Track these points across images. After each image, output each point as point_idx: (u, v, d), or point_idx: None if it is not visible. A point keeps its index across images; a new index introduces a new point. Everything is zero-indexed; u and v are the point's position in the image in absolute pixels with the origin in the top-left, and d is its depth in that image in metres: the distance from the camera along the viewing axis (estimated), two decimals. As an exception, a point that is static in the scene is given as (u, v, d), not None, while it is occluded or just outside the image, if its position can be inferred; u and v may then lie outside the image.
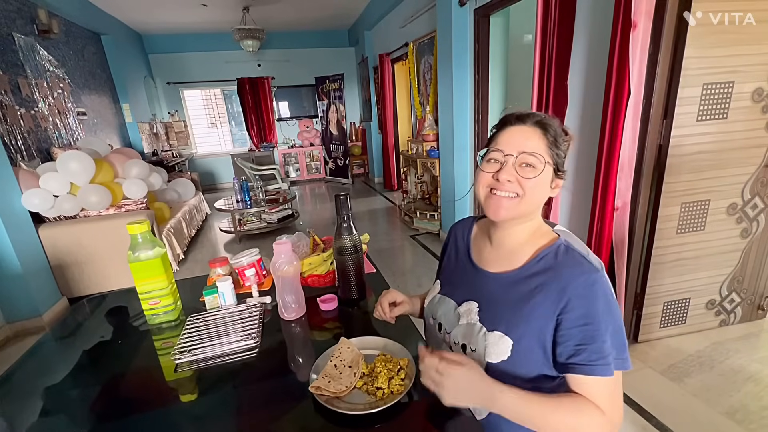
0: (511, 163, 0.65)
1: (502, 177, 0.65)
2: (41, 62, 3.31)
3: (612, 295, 0.63)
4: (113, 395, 0.76)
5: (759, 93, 1.60)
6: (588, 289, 0.61)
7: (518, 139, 0.65)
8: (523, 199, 0.65)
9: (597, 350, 0.60)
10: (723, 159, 1.67)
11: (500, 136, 0.68)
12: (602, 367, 0.60)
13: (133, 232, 0.90)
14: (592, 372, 0.60)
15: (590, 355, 0.60)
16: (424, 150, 3.65)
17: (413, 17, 4.01)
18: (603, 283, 0.63)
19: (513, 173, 0.65)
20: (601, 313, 0.61)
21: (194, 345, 0.84)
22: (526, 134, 0.66)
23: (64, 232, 2.62)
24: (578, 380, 0.62)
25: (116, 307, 1.12)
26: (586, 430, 0.60)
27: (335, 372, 0.71)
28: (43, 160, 3.00)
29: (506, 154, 0.65)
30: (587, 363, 0.60)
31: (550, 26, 1.89)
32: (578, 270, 0.63)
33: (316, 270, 1.06)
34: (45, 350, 0.94)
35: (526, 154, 0.64)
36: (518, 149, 0.65)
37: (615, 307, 0.63)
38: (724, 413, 1.47)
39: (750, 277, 1.91)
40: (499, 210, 0.66)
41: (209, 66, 6.30)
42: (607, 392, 0.61)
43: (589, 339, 0.61)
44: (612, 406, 0.61)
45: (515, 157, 0.65)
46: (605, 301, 0.62)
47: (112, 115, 4.66)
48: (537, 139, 0.65)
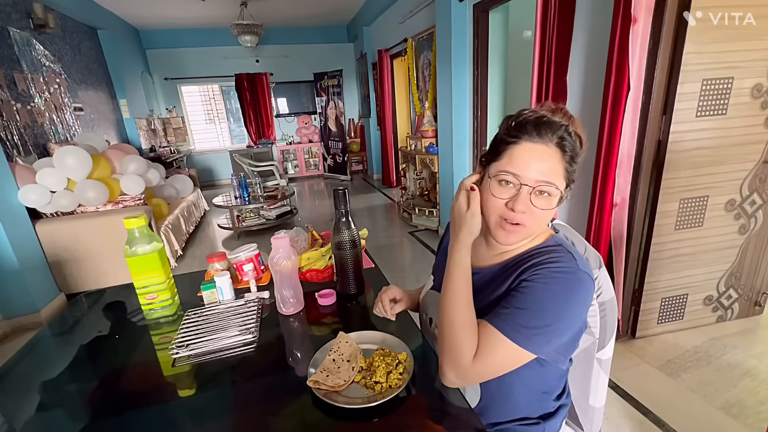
0: (527, 192, 0.61)
1: (517, 208, 0.61)
2: (37, 57, 3.28)
3: (576, 294, 0.61)
4: (111, 389, 0.75)
5: (758, 89, 1.59)
6: (547, 271, 0.61)
7: (536, 165, 0.60)
8: (531, 228, 0.64)
9: (518, 314, 0.60)
10: (722, 155, 1.66)
11: (515, 152, 0.62)
12: (508, 324, 0.60)
13: (130, 226, 0.89)
14: (497, 323, 0.61)
15: (509, 312, 0.61)
16: (423, 146, 3.64)
17: (412, 13, 3.99)
18: (570, 278, 0.61)
19: (528, 204, 0.61)
20: (542, 290, 0.60)
21: (192, 339, 0.84)
22: (544, 157, 0.60)
23: (61, 228, 2.61)
24: (481, 324, 0.63)
25: (114, 303, 1.11)
26: (456, 343, 0.61)
27: (333, 366, 0.70)
28: (40, 155, 2.98)
29: (522, 183, 0.60)
30: (499, 314, 0.61)
31: (549, 21, 1.88)
32: (552, 258, 0.63)
33: (315, 265, 1.06)
34: (43, 345, 0.94)
35: (544, 183, 0.60)
36: (536, 178, 0.60)
37: (569, 304, 0.61)
38: (721, 408, 1.48)
39: (747, 274, 1.91)
40: (509, 237, 0.65)
41: (207, 62, 6.26)
42: (494, 348, 0.60)
43: (518, 303, 0.61)
44: (484, 360, 0.60)
45: (532, 188, 0.61)
46: (560, 287, 0.60)
47: (109, 111, 4.63)
48: (556, 162, 0.61)
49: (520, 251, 0.69)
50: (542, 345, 0.60)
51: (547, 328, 0.60)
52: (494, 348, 0.60)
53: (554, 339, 0.61)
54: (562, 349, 0.65)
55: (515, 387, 0.70)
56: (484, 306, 0.68)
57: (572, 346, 0.68)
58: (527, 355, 0.60)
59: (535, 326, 0.59)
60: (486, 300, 0.68)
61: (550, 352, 0.62)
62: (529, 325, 0.59)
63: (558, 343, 0.62)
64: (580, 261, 0.64)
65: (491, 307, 0.65)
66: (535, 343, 0.60)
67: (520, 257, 0.68)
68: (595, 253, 0.75)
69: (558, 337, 0.62)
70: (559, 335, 0.62)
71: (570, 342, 0.66)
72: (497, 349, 0.60)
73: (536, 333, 0.59)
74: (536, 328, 0.59)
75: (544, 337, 0.60)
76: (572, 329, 0.63)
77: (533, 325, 0.59)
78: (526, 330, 0.59)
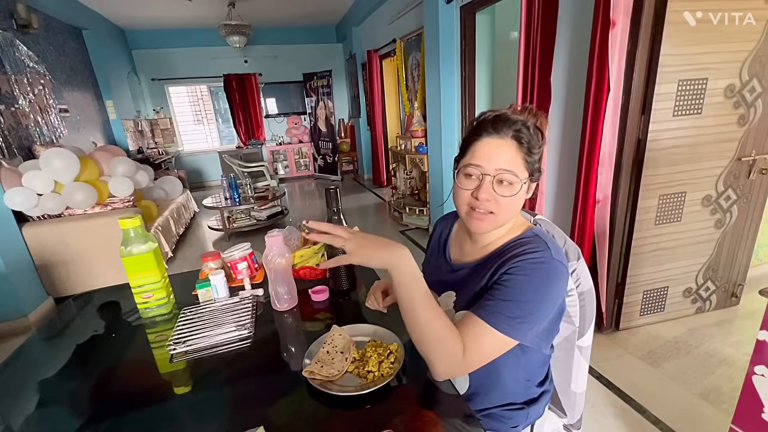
0: (489, 181, 0.67)
1: (481, 196, 0.67)
2: (20, 58, 3.22)
3: (552, 283, 0.66)
4: (109, 387, 0.77)
5: (731, 89, 1.67)
6: (525, 263, 0.65)
7: (495, 155, 0.66)
8: (499, 216, 0.69)
9: (502, 305, 0.64)
10: (697, 153, 1.74)
11: (476, 147, 0.68)
12: (494, 316, 0.63)
13: (125, 226, 0.91)
14: (483, 314, 0.64)
15: (494, 304, 0.64)
16: (413, 146, 3.68)
17: (401, 14, 4.03)
18: (546, 268, 0.65)
19: (491, 191, 0.67)
20: (522, 282, 0.64)
21: (189, 336, 0.86)
22: (502, 148, 0.67)
23: (48, 231, 2.58)
24: (467, 316, 0.66)
25: (108, 303, 1.12)
26: (442, 349, 0.62)
27: (327, 358, 0.73)
28: (25, 158, 2.93)
29: (484, 173, 0.67)
30: (485, 305, 0.65)
31: (533, 24, 1.93)
32: (528, 249, 0.67)
33: (308, 262, 1.09)
34: (37, 346, 0.95)
35: (503, 171, 0.66)
36: (495, 167, 0.66)
37: (546, 293, 0.65)
38: (699, 394, 1.55)
39: (724, 266, 2.00)
40: (481, 225, 0.70)
41: (195, 62, 6.21)
42: (482, 339, 0.63)
43: (501, 295, 0.64)
44: (474, 352, 0.63)
45: (492, 177, 0.67)
46: (537, 277, 0.64)
47: (96, 112, 4.56)
48: (513, 152, 0.67)
49: (501, 243, 0.73)
50: (526, 332, 0.65)
51: (529, 317, 0.64)
52: (483, 339, 0.64)
53: (536, 326, 0.66)
54: (544, 335, 0.70)
55: (501, 375, 0.74)
56: (471, 298, 0.72)
57: (552, 331, 0.73)
58: (512, 342, 0.65)
59: (519, 316, 0.63)
60: (471, 292, 0.72)
61: (533, 338, 0.66)
62: (513, 315, 0.63)
63: (539, 329, 0.67)
64: (554, 250, 0.68)
65: (476, 299, 0.69)
66: (519, 332, 0.64)
67: (501, 249, 0.72)
68: (574, 246, 0.80)
69: (539, 323, 0.66)
70: (540, 322, 0.66)
71: (550, 327, 0.70)
72: (485, 339, 0.64)
73: (521, 322, 0.64)
74: (520, 318, 0.64)
75: (528, 325, 0.64)
76: (550, 315, 0.68)
77: (517, 315, 0.63)
78: (511, 320, 0.63)
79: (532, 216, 0.83)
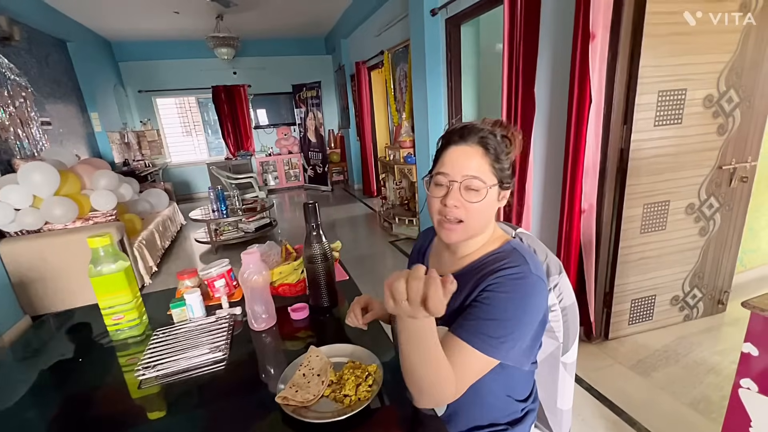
0: (456, 188, 0.67)
1: (449, 202, 0.67)
2: (1, 70, 3.17)
3: (532, 298, 0.65)
4: (75, 415, 0.73)
5: (710, 99, 1.70)
6: (505, 279, 0.64)
7: (461, 162, 0.67)
8: (469, 224, 0.68)
9: (484, 325, 0.62)
10: (679, 162, 1.76)
11: (445, 156, 0.69)
12: (477, 337, 0.62)
13: (94, 245, 0.87)
14: (465, 336, 0.62)
15: (476, 324, 0.63)
16: (402, 156, 3.69)
17: (388, 26, 4.07)
18: (525, 284, 0.64)
19: (458, 198, 0.67)
20: (502, 300, 0.63)
21: (159, 360, 0.82)
22: (468, 155, 0.67)
23: (26, 247, 2.50)
24: (450, 338, 0.64)
25: (79, 324, 1.08)
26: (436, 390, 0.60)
27: (303, 381, 0.70)
28: (4, 172, 2.85)
29: (451, 180, 0.67)
30: (465, 326, 0.63)
31: (516, 37, 1.95)
32: (506, 264, 0.66)
33: (287, 279, 1.06)
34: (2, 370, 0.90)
35: (469, 177, 0.66)
36: (461, 173, 0.67)
37: (526, 309, 0.64)
38: (688, 404, 1.54)
39: (709, 274, 2.01)
40: (451, 235, 0.70)
41: (183, 74, 6.18)
42: (466, 363, 0.62)
43: (483, 314, 0.63)
44: (462, 380, 0.62)
45: (459, 183, 0.67)
46: (517, 294, 0.64)
47: (80, 125, 4.49)
48: (479, 158, 0.67)
49: (478, 256, 0.72)
50: (508, 351, 0.63)
51: (511, 336, 0.63)
52: (469, 363, 0.62)
53: (518, 344, 0.64)
54: (527, 352, 0.68)
55: (480, 392, 0.72)
56: (450, 312, 0.69)
57: (534, 347, 0.71)
58: (495, 362, 0.63)
59: (501, 335, 0.62)
60: (451, 308, 0.70)
61: (516, 356, 0.65)
62: (495, 335, 0.62)
63: (522, 346, 0.66)
64: (533, 264, 0.67)
65: (456, 314, 0.67)
66: (501, 351, 0.62)
67: (479, 262, 0.71)
68: (556, 260, 0.79)
69: (521, 341, 0.65)
70: (522, 339, 0.65)
71: (532, 344, 0.69)
72: (471, 363, 0.62)
73: (503, 341, 0.62)
74: (502, 337, 0.62)
75: (510, 344, 0.63)
76: (531, 331, 0.66)
77: (500, 334, 0.62)
78: (494, 340, 0.62)
79: (514, 229, 0.82)
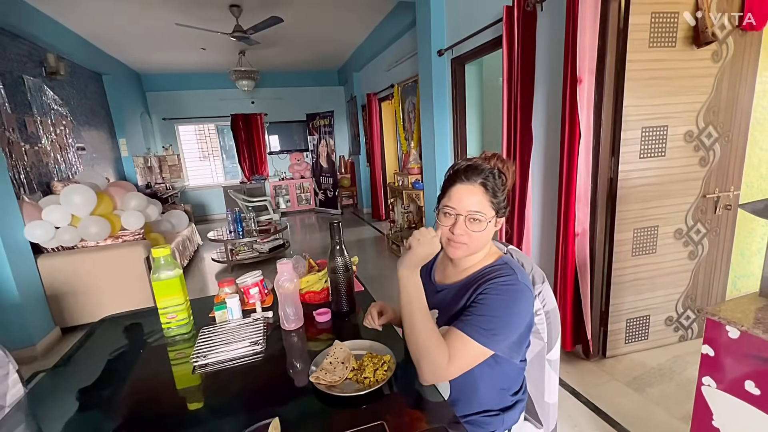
0: (462, 220, 0.83)
1: (456, 231, 0.84)
2: (47, 101, 3.50)
3: (519, 301, 0.80)
4: (137, 397, 0.89)
5: (690, 135, 1.87)
6: (497, 285, 0.80)
7: (466, 199, 0.83)
8: (470, 246, 0.85)
9: (479, 320, 0.77)
10: (665, 190, 1.91)
11: (452, 191, 0.85)
12: (473, 328, 0.77)
13: (157, 255, 1.05)
14: (463, 327, 0.78)
15: (472, 318, 0.78)
16: (410, 182, 3.89)
17: (398, 62, 4.39)
18: (514, 289, 0.80)
19: (463, 228, 0.83)
20: (494, 300, 0.79)
21: (209, 351, 0.98)
22: (472, 193, 0.83)
23: (61, 263, 2.70)
24: (451, 330, 0.79)
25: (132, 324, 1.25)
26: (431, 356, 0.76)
27: (330, 367, 0.86)
28: (44, 193, 3.12)
29: (457, 213, 0.84)
30: (464, 320, 0.79)
31: (514, 78, 2.18)
32: (500, 274, 0.82)
33: (313, 287, 1.22)
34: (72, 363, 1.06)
35: (473, 212, 0.83)
36: (466, 208, 0.83)
37: (514, 309, 0.79)
38: (681, 419, 1.63)
39: (701, 295, 2.12)
40: (456, 252, 0.87)
41: (204, 103, 6.60)
42: (463, 349, 0.76)
43: (478, 311, 0.79)
44: (457, 360, 0.76)
45: (465, 216, 0.83)
46: (507, 297, 0.79)
47: (109, 150, 4.82)
48: (480, 196, 0.83)
49: (476, 269, 0.88)
50: (499, 343, 0.78)
51: (501, 329, 0.78)
52: (463, 349, 0.77)
53: (507, 338, 0.79)
54: (515, 347, 0.83)
55: (478, 385, 0.87)
56: (451, 316, 0.85)
57: (522, 344, 0.86)
58: (488, 351, 0.78)
59: (492, 328, 0.77)
60: (452, 311, 0.86)
61: (505, 348, 0.80)
62: (487, 327, 0.77)
63: (510, 341, 0.81)
64: (521, 275, 0.83)
65: (457, 316, 0.83)
66: (493, 342, 0.77)
67: (477, 274, 0.87)
68: (540, 271, 0.95)
69: (510, 336, 0.80)
70: (510, 334, 0.80)
71: (519, 341, 0.84)
72: (466, 349, 0.77)
73: (494, 333, 0.77)
74: (493, 329, 0.77)
75: (500, 336, 0.78)
76: (519, 329, 0.82)
77: (491, 327, 0.77)
78: (486, 332, 0.77)
79: (506, 246, 0.99)
